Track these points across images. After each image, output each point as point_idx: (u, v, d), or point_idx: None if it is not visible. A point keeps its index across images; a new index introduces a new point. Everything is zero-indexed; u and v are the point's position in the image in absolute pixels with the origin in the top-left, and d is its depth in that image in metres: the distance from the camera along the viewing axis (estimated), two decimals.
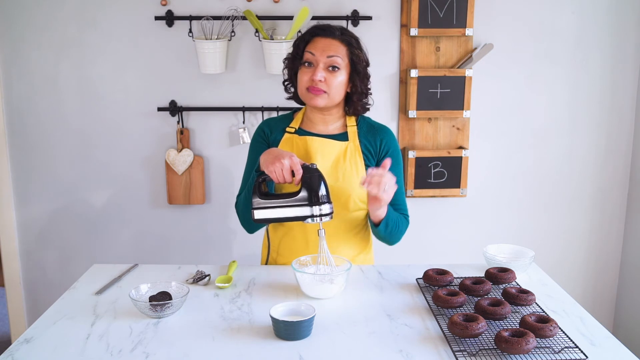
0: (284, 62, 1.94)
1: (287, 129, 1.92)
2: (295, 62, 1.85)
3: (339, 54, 1.80)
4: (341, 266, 1.72)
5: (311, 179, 1.67)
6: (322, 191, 1.67)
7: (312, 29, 1.84)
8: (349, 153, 1.87)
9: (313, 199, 1.66)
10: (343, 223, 1.90)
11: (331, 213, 1.69)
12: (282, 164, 1.65)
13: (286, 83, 1.95)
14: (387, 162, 1.70)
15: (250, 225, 1.89)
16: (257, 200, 1.70)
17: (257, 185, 1.71)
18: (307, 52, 1.81)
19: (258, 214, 1.71)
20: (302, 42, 1.83)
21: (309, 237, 1.89)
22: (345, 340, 1.45)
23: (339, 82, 1.82)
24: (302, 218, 1.68)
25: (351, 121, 1.92)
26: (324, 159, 1.86)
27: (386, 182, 1.66)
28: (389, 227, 1.84)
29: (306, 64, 1.82)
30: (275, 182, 1.71)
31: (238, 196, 1.93)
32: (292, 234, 1.92)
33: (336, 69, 1.80)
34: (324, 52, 1.79)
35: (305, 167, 1.68)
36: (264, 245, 2.05)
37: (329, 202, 1.68)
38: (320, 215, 1.67)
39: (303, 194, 1.67)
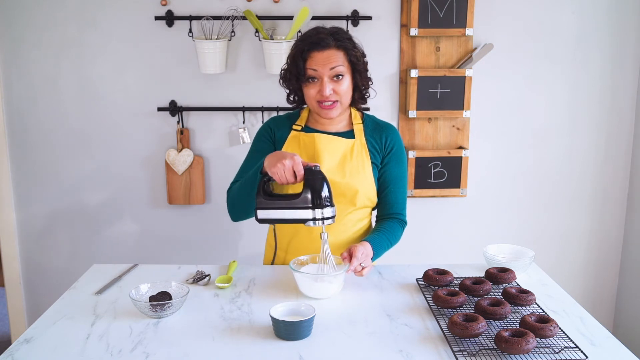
0: (280, 77, 1.92)
1: (294, 127, 1.94)
2: (299, 79, 1.84)
3: (340, 62, 1.80)
4: (339, 266, 1.72)
5: (314, 181, 1.65)
6: (325, 193, 1.65)
7: (306, 44, 1.80)
8: (356, 150, 1.89)
9: (315, 202, 1.64)
10: (349, 219, 1.91)
11: (333, 217, 1.67)
12: (283, 165, 1.65)
13: (291, 97, 1.94)
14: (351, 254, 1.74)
15: (236, 213, 1.89)
16: (260, 200, 1.69)
17: (261, 185, 1.70)
18: (309, 70, 1.80)
19: (261, 214, 1.70)
20: (300, 60, 1.81)
21: (317, 238, 1.89)
22: (345, 340, 1.45)
23: (346, 88, 1.84)
24: (304, 220, 1.66)
25: (357, 119, 1.94)
26: (330, 156, 1.87)
27: (365, 264, 1.74)
28: (383, 252, 1.89)
29: (310, 80, 1.83)
30: (279, 183, 1.71)
31: (232, 183, 1.94)
32: (301, 236, 1.93)
33: (341, 77, 1.82)
34: (325, 66, 1.79)
35: (308, 169, 1.66)
36: (269, 245, 2.05)
37: (332, 205, 1.67)
38: (322, 219, 1.65)
39: (305, 195, 1.65)
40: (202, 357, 1.38)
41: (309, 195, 1.64)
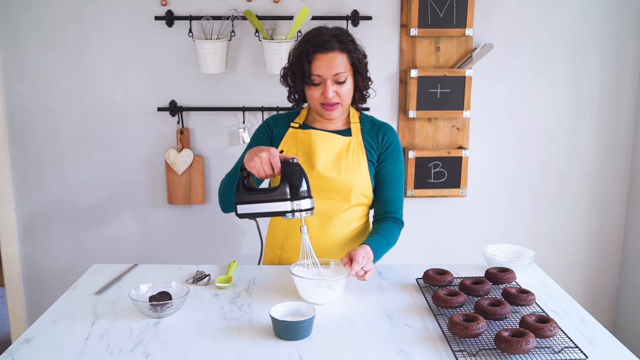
0: (281, 75, 1.93)
1: (292, 124, 1.95)
2: (304, 81, 1.84)
3: (343, 68, 1.81)
4: (340, 272, 1.70)
5: (291, 173, 1.65)
6: (302, 186, 1.65)
7: (311, 46, 1.81)
8: (352, 148, 1.90)
9: (293, 194, 1.64)
10: (344, 217, 1.92)
11: (312, 208, 1.66)
12: (260, 158, 1.65)
13: (292, 96, 1.94)
14: (352, 258, 1.71)
15: (224, 205, 1.93)
16: (239, 195, 1.69)
17: (241, 181, 1.70)
18: (314, 76, 1.81)
19: (241, 209, 1.70)
20: (305, 62, 1.81)
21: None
22: (345, 340, 1.45)
23: (348, 90, 1.85)
24: (283, 213, 1.66)
25: (355, 118, 1.95)
26: (326, 152, 1.88)
27: (367, 267, 1.71)
28: (383, 254, 1.87)
29: (314, 84, 1.84)
30: (257, 177, 1.71)
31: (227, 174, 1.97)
32: (295, 232, 1.93)
33: (343, 81, 1.83)
34: (329, 72, 1.80)
35: (285, 162, 1.66)
36: (268, 244, 2.05)
37: (310, 197, 1.66)
38: (300, 210, 1.65)
39: (283, 188, 1.65)
40: (202, 357, 1.38)
41: (287, 188, 1.65)
